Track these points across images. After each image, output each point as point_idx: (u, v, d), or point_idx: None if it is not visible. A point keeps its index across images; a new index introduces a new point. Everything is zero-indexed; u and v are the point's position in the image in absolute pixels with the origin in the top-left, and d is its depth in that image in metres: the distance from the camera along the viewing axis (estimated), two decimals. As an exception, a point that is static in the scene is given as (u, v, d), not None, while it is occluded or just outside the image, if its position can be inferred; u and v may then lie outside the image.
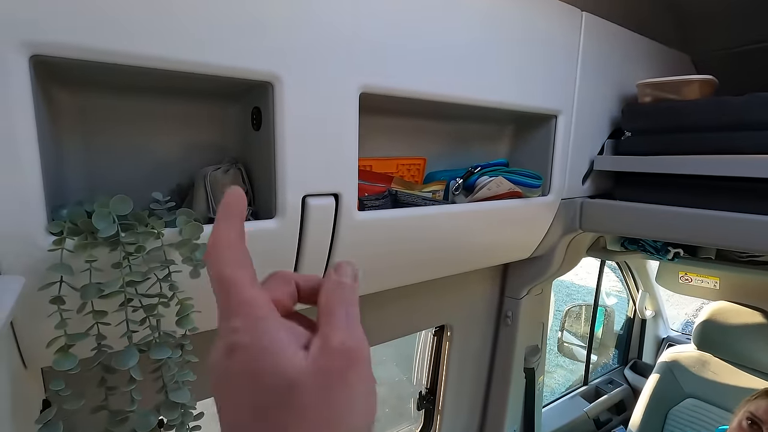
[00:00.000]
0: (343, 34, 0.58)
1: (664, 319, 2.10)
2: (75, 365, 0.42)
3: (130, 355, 0.43)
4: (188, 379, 0.50)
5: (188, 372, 0.50)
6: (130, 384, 0.43)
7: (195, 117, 0.63)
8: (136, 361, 0.43)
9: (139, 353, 0.45)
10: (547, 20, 0.84)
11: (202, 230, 0.46)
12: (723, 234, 0.81)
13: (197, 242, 0.45)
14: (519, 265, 1.19)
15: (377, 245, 0.71)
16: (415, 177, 0.89)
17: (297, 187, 0.57)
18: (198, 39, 0.48)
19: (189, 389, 0.47)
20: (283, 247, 0.59)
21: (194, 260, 0.44)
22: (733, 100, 0.83)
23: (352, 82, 0.60)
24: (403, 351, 2.94)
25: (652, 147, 0.94)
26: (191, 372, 0.50)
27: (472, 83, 0.75)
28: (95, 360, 0.44)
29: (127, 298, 0.44)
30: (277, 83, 0.54)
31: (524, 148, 1.00)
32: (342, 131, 0.60)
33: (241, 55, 0.51)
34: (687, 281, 1.65)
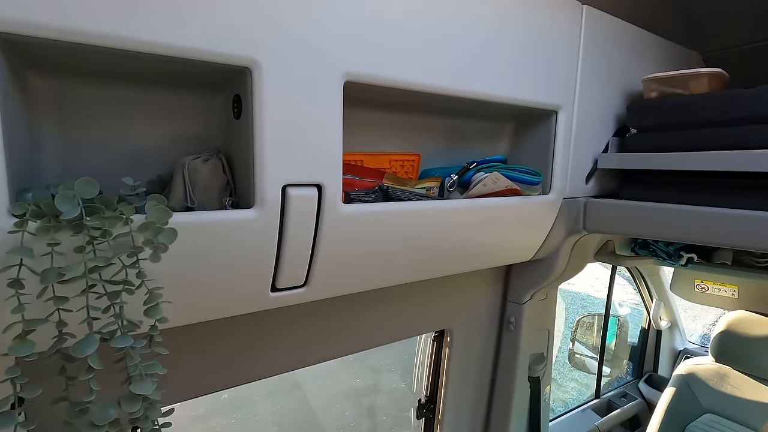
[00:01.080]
0: (326, 19, 0.56)
1: (681, 331, 2.01)
2: (31, 352, 0.40)
3: (88, 343, 0.41)
4: (155, 372, 0.48)
5: (155, 364, 0.48)
6: (87, 373, 0.41)
7: (178, 107, 0.62)
8: (95, 349, 0.41)
9: (101, 342, 0.43)
10: (546, 13, 0.81)
11: (169, 215, 0.45)
12: (735, 233, 0.76)
13: (162, 226, 0.44)
14: (521, 268, 1.15)
15: (365, 240, 0.69)
16: (409, 173, 0.87)
17: (276, 177, 0.56)
18: (171, 21, 0.47)
19: (154, 382, 0.45)
20: (263, 238, 0.57)
21: (155, 243, 0.42)
22: (744, 93, 0.78)
23: (335, 70, 0.58)
24: (404, 357, 2.89)
25: (659, 144, 0.90)
26: (159, 364, 0.48)
27: (467, 75, 0.73)
28: (54, 348, 0.42)
29: (90, 284, 0.42)
30: (255, 69, 0.52)
31: (524, 145, 0.97)
32: (325, 121, 0.59)
33: (217, 39, 0.50)
34: (703, 290, 1.58)
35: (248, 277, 0.59)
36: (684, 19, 1.19)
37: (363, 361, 3.28)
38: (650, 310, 1.92)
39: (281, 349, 0.86)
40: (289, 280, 0.64)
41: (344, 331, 0.94)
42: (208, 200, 0.57)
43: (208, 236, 0.53)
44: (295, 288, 0.66)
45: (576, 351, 2.18)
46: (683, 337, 2.03)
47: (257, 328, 0.82)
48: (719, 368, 1.53)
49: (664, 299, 1.89)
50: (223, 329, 0.78)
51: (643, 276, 1.82)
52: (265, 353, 0.85)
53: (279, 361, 0.87)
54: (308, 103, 0.57)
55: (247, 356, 0.83)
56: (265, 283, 0.61)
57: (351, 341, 0.96)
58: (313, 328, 0.90)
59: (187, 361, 0.76)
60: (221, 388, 0.82)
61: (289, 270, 0.63)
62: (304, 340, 0.89)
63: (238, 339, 0.81)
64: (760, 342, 1.43)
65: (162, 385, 0.73)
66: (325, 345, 0.92)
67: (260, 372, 0.85)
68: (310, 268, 0.65)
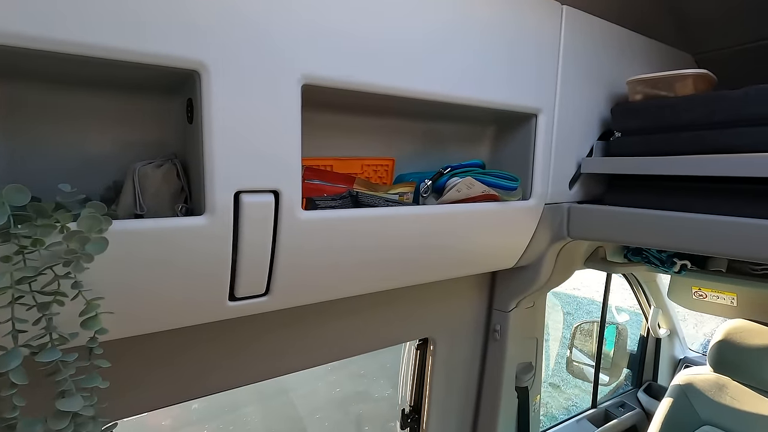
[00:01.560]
0: (281, 21, 0.55)
1: (681, 339, 1.96)
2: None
3: (12, 356, 0.39)
4: (94, 385, 0.46)
5: (93, 376, 0.46)
6: (11, 389, 0.39)
7: (135, 112, 0.61)
8: (18, 363, 0.39)
9: (31, 355, 0.42)
10: (524, 13, 0.79)
11: (101, 223, 0.43)
12: (721, 241, 0.73)
13: (89, 236, 0.42)
14: (506, 276, 1.12)
15: (330, 248, 0.67)
16: (383, 178, 0.85)
17: (228, 183, 0.54)
18: (113, 23, 0.45)
19: (86, 397, 0.44)
20: (215, 246, 0.55)
21: (79, 253, 0.41)
22: (730, 94, 0.75)
23: (291, 73, 0.56)
24: (391, 364, 2.83)
25: (643, 147, 0.87)
26: (98, 377, 0.47)
27: (438, 78, 0.71)
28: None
29: (16, 295, 0.41)
30: (204, 72, 0.51)
31: (505, 150, 0.94)
32: (281, 125, 0.57)
33: (162, 41, 0.48)
34: (701, 297, 1.53)
35: (202, 286, 0.57)
36: (676, 22, 1.16)
37: (347, 368, 3.24)
38: (648, 318, 1.87)
39: (255, 357, 0.84)
40: (248, 289, 0.62)
41: (320, 340, 0.91)
42: (159, 207, 0.55)
43: (156, 244, 0.52)
44: (256, 297, 0.64)
45: (574, 359, 2.14)
46: (683, 346, 1.97)
47: (230, 337, 0.80)
48: (718, 379, 1.48)
49: (662, 306, 1.84)
50: (194, 337, 0.76)
51: (640, 283, 1.77)
52: (239, 362, 0.83)
53: (253, 370, 0.85)
54: (263, 108, 0.55)
55: (219, 365, 0.81)
56: (221, 292, 0.60)
57: (328, 350, 0.93)
58: (288, 337, 0.88)
59: (156, 370, 0.74)
60: (192, 397, 0.80)
61: (247, 278, 0.61)
62: (279, 349, 0.87)
63: (210, 347, 0.79)
64: (759, 352, 1.39)
65: (131, 394, 0.72)
66: (301, 354, 0.90)
67: (233, 381, 0.83)
68: (270, 277, 0.63)
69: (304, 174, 0.74)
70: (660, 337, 1.91)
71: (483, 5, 0.74)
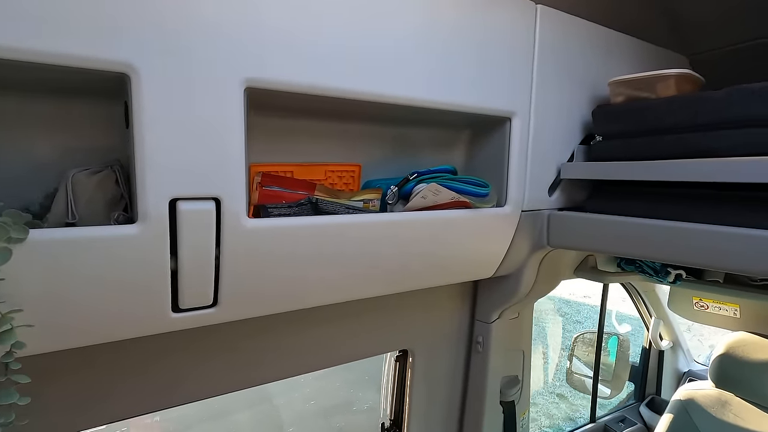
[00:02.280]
0: (219, 22, 0.52)
1: (685, 351, 1.88)
2: None
3: None
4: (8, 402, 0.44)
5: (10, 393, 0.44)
6: None
7: (78, 117, 0.59)
8: None
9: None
10: (494, 13, 0.76)
11: (8, 233, 0.41)
12: (704, 252, 0.68)
13: None
14: (487, 286, 1.07)
15: (285, 257, 0.64)
16: (350, 185, 0.82)
17: (162, 189, 0.51)
18: (38, 25, 0.44)
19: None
20: (150, 255, 0.53)
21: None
22: (712, 95, 0.71)
23: (232, 75, 0.54)
24: (365, 378, 2.73)
25: (625, 152, 0.82)
26: (15, 393, 0.45)
27: (402, 81, 0.68)
28: None
29: None
30: (134, 75, 0.49)
31: (480, 155, 0.91)
32: (222, 130, 0.54)
33: (89, 44, 0.46)
34: (703, 308, 1.47)
35: (140, 297, 0.55)
36: (669, 23, 1.12)
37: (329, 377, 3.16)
38: (649, 329, 1.80)
39: (226, 368, 0.82)
40: (193, 300, 0.60)
41: (293, 350, 0.88)
42: (92, 215, 0.53)
43: (86, 253, 0.50)
44: (203, 308, 0.61)
45: (574, 370, 2.07)
46: (688, 358, 1.89)
47: (200, 346, 0.78)
48: (720, 394, 1.41)
49: (663, 317, 1.77)
50: (165, 347, 0.75)
51: (639, 292, 1.71)
52: (208, 372, 0.80)
53: (223, 381, 0.82)
54: (200, 111, 0.53)
55: (189, 375, 0.78)
56: (162, 303, 0.57)
57: (301, 360, 0.90)
58: (259, 347, 0.85)
59: (125, 380, 0.72)
60: (161, 407, 0.78)
61: (190, 289, 0.58)
62: (249, 359, 0.84)
63: (180, 357, 0.76)
64: (763, 367, 1.31)
65: (98, 403, 0.70)
66: (272, 365, 0.87)
67: (202, 392, 0.81)
68: (217, 287, 0.60)
69: (261, 180, 0.72)
70: (662, 349, 1.83)
71: (450, 5, 0.71)
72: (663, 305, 1.71)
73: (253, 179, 0.71)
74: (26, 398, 0.46)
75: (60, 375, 0.67)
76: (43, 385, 0.65)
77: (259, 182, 0.71)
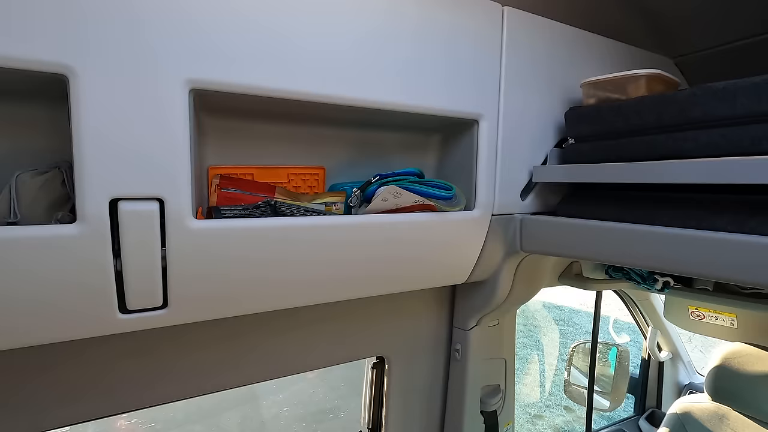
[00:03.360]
0: (161, 23, 0.53)
1: (685, 363, 1.81)
2: None
3: None
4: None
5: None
6: None
7: (30, 119, 0.60)
8: None
9: None
10: (458, 14, 0.75)
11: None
12: (664, 254, 0.66)
13: None
14: (464, 292, 1.06)
15: (238, 259, 0.64)
16: (314, 188, 0.81)
17: (101, 189, 0.52)
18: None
19: None
20: (91, 256, 0.53)
21: None
22: (677, 96, 0.69)
23: (174, 76, 0.54)
24: (341, 385, 2.61)
25: (594, 154, 0.81)
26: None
27: (361, 83, 0.67)
28: None
29: None
30: (71, 76, 0.49)
31: (450, 159, 0.90)
32: (165, 131, 0.55)
33: (26, 45, 0.47)
34: (699, 318, 1.42)
35: (83, 297, 0.55)
36: (652, 25, 1.10)
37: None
38: (647, 339, 1.75)
39: (190, 373, 0.81)
40: (141, 302, 0.59)
41: (258, 356, 0.88)
42: (35, 215, 0.54)
43: (24, 253, 0.50)
44: (153, 309, 0.61)
45: (572, 381, 2.01)
46: (689, 370, 1.82)
47: (158, 350, 0.78)
48: (717, 408, 1.35)
49: (661, 327, 1.71)
50: (134, 348, 0.75)
51: (634, 301, 1.66)
52: (168, 377, 0.80)
53: (186, 386, 0.82)
54: (141, 113, 0.53)
55: (147, 379, 0.78)
56: (107, 304, 0.57)
57: (266, 366, 0.89)
58: (225, 351, 0.84)
59: (92, 379, 0.73)
60: (129, 409, 0.78)
61: (137, 290, 0.58)
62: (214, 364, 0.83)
63: (137, 362, 0.76)
64: (761, 380, 1.26)
65: (57, 404, 0.70)
66: (240, 370, 0.86)
67: (161, 397, 0.80)
68: (166, 289, 0.60)
69: (219, 183, 0.72)
70: (661, 360, 1.77)
71: (412, 6, 0.71)
72: (659, 314, 1.66)
73: (211, 182, 0.71)
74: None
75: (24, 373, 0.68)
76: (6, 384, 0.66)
77: (217, 184, 0.71)
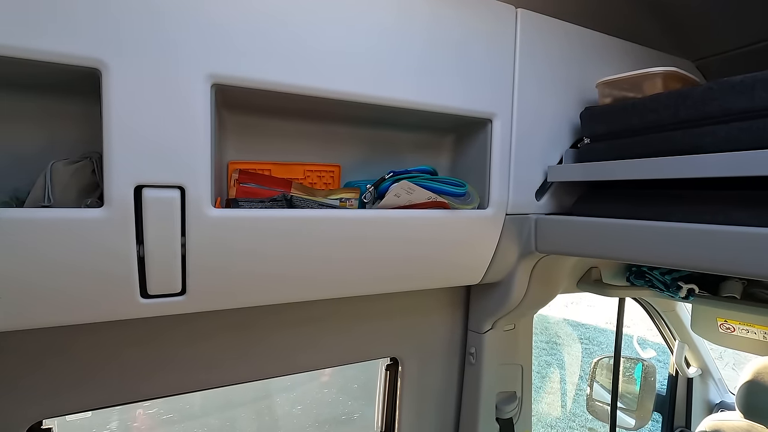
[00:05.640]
0: (186, 21, 0.57)
1: (715, 380, 1.73)
2: None
3: None
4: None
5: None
6: None
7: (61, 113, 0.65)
8: None
9: None
10: (472, 15, 0.77)
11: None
12: (684, 251, 0.64)
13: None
14: (479, 293, 1.05)
15: (254, 249, 0.66)
16: (330, 184, 0.83)
17: (127, 176, 0.55)
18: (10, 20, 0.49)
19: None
20: (117, 240, 0.56)
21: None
22: (692, 91, 0.68)
23: (197, 72, 0.58)
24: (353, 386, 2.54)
25: (610, 153, 0.80)
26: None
27: (377, 81, 0.70)
28: None
29: None
30: (104, 70, 0.53)
31: (464, 158, 0.91)
32: (188, 123, 0.58)
33: (64, 40, 0.51)
34: (729, 330, 1.35)
35: (109, 279, 0.58)
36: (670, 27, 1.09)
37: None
38: (673, 353, 1.67)
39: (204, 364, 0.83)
40: (161, 287, 0.62)
41: (269, 351, 0.89)
42: (66, 201, 0.57)
43: (54, 234, 0.53)
44: (171, 296, 0.64)
45: (595, 397, 1.94)
46: (720, 388, 1.73)
47: (172, 338, 0.80)
48: (750, 427, 1.28)
49: (688, 341, 1.64)
50: (142, 336, 0.77)
51: (659, 312, 1.60)
52: (183, 366, 0.82)
53: (200, 378, 0.83)
54: (166, 105, 0.56)
55: (153, 370, 0.79)
56: (129, 288, 0.60)
57: (277, 362, 0.90)
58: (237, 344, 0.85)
59: (97, 368, 0.75)
60: (132, 400, 0.79)
61: (158, 275, 0.61)
62: (228, 357, 0.85)
63: (151, 349, 0.78)
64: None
65: (58, 392, 0.73)
66: (249, 363, 0.87)
67: (176, 387, 0.82)
68: (185, 275, 0.63)
69: (238, 177, 0.75)
70: (690, 376, 1.69)
71: (427, 7, 0.73)
72: (686, 327, 1.59)
73: (231, 176, 0.74)
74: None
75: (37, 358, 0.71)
76: (20, 366, 0.69)
77: (236, 179, 0.74)
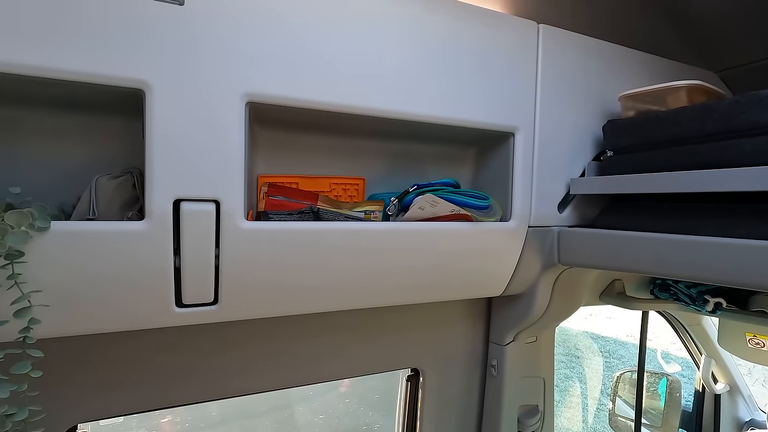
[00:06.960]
0: (224, 43, 0.60)
1: (744, 397, 1.67)
2: None
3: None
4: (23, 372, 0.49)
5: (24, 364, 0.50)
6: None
7: (104, 130, 0.68)
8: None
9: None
10: (495, 31, 0.79)
11: (29, 220, 0.48)
12: (709, 265, 0.64)
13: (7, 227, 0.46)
14: (501, 305, 1.05)
15: (283, 260, 0.68)
16: (354, 197, 0.85)
17: (167, 190, 0.58)
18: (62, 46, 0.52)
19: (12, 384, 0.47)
20: (155, 250, 0.59)
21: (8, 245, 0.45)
22: (719, 104, 0.69)
23: (233, 90, 0.61)
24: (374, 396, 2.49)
25: (633, 165, 0.80)
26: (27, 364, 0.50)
27: (404, 97, 0.72)
28: None
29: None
30: (147, 91, 0.56)
31: (486, 171, 0.92)
32: (224, 139, 0.61)
33: (112, 64, 0.55)
34: (758, 345, 1.31)
35: (145, 289, 0.61)
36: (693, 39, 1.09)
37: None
38: (699, 368, 1.63)
39: (227, 372, 0.85)
40: (195, 297, 0.64)
41: (293, 360, 0.90)
42: (109, 214, 0.60)
43: (98, 246, 0.56)
44: (204, 305, 0.66)
45: (618, 412, 1.90)
46: (750, 405, 1.68)
47: (192, 347, 0.82)
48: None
49: (715, 355, 1.60)
50: (172, 344, 0.80)
51: (684, 326, 1.56)
52: (201, 376, 0.83)
53: (224, 387, 0.85)
54: (204, 123, 0.59)
55: (180, 377, 0.81)
56: (166, 297, 0.62)
57: (301, 372, 0.91)
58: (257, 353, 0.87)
59: (130, 374, 0.78)
60: (154, 407, 0.81)
61: (193, 286, 0.63)
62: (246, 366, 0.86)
63: (168, 359, 0.80)
64: (833, 415, 1.14)
65: (93, 397, 0.75)
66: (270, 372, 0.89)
67: (194, 396, 0.83)
68: (218, 286, 0.65)
69: (267, 190, 0.77)
70: (717, 392, 1.65)
71: (451, 25, 0.75)
72: (713, 342, 1.55)
73: (260, 189, 0.77)
74: (38, 372, 0.52)
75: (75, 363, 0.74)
76: (58, 372, 0.72)
77: (265, 192, 0.76)
